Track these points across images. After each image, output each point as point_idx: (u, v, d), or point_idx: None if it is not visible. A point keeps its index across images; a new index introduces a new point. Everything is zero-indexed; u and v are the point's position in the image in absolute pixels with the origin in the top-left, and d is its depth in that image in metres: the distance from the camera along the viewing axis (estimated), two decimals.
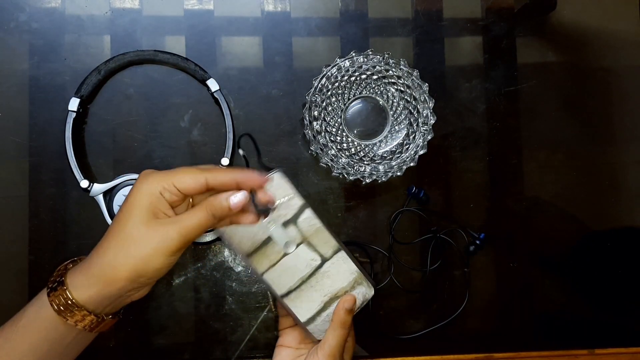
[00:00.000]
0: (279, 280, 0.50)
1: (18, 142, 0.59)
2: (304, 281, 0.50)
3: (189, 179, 0.42)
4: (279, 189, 0.48)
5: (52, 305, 0.41)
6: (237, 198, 0.42)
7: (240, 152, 0.50)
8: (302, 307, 0.50)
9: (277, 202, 0.48)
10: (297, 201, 0.49)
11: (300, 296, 0.50)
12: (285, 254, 0.50)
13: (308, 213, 0.49)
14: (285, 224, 0.49)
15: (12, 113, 0.59)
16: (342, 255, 0.51)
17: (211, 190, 0.43)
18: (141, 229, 0.40)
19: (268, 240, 0.49)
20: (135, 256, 0.40)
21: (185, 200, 0.44)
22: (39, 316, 0.42)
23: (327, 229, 0.50)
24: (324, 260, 0.50)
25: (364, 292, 0.51)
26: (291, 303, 0.50)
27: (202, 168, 0.43)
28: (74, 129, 0.56)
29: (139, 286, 0.42)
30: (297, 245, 0.50)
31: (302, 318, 0.50)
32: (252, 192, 0.45)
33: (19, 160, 0.59)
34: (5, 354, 0.41)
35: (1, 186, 0.59)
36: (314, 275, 0.50)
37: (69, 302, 0.41)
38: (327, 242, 0.50)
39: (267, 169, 0.47)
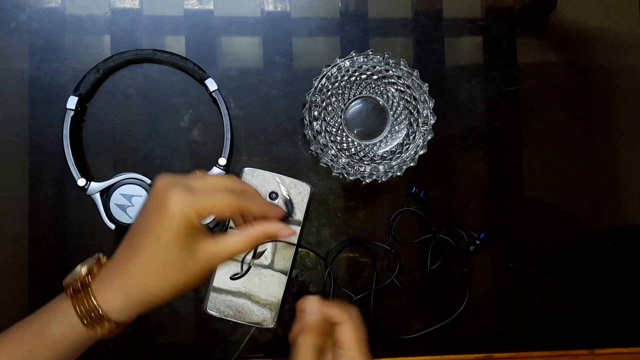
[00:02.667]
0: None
1: (18, 142, 0.59)
2: (246, 263, 0.58)
3: (226, 208, 0.41)
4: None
5: (82, 321, 0.40)
6: (286, 235, 0.44)
7: (286, 195, 0.51)
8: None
9: None
10: (299, 214, 0.58)
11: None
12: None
13: (296, 230, 0.58)
14: None
15: (12, 113, 0.59)
16: (282, 278, 0.58)
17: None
18: (185, 257, 0.40)
19: None
20: (180, 283, 0.40)
21: None
22: (69, 330, 0.41)
23: (295, 254, 0.58)
24: (269, 267, 0.58)
25: (264, 316, 0.58)
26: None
27: (237, 195, 0.42)
28: (72, 128, 0.56)
29: (169, 301, 0.42)
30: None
31: (216, 283, 0.57)
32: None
33: (19, 160, 0.59)
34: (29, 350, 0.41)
35: (1, 186, 0.59)
36: (255, 267, 0.58)
37: (102, 318, 0.40)
38: (285, 259, 0.58)
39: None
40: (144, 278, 0.40)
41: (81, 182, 0.55)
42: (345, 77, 0.58)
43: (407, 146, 0.58)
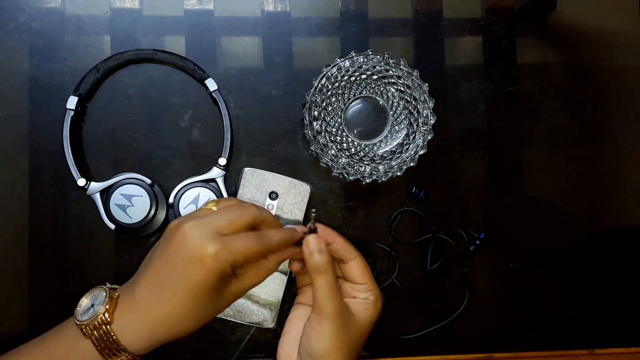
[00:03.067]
0: None
1: (18, 142, 0.59)
2: None
3: (252, 253, 0.41)
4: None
5: (101, 354, 0.41)
6: (298, 258, 0.46)
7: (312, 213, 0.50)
8: None
9: None
10: (299, 214, 0.58)
11: None
12: None
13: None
14: None
15: (12, 113, 0.59)
16: (282, 278, 0.57)
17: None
18: (216, 302, 0.41)
19: None
20: (205, 322, 0.42)
21: None
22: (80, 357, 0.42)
23: None
24: None
25: (264, 316, 0.57)
26: None
27: (263, 240, 0.42)
28: (72, 128, 0.56)
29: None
30: None
31: None
32: None
33: (19, 160, 0.59)
34: None
35: (1, 186, 0.59)
36: None
37: (122, 351, 0.41)
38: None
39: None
40: (173, 323, 0.41)
41: (81, 182, 0.55)
42: (345, 77, 0.58)
43: (407, 146, 0.58)
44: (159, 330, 0.41)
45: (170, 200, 0.56)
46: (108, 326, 0.40)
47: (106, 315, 0.41)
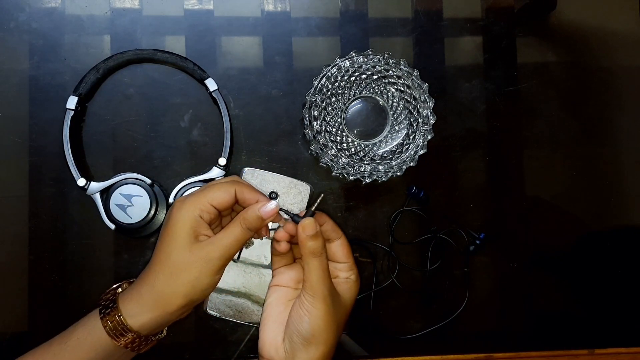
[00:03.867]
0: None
1: (18, 142, 0.59)
2: (246, 262, 0.58)
3: (221, 193, 0.44)
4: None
5: (105, 329, 0.44)
6: (269, 208, 0.45)
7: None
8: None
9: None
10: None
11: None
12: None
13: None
14: None
15: (12, 113, 0.59)
16: None
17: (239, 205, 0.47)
18: (186, 255, 0.43)
19: None
20: (185, 283, 0.43)
21: (219, 220, 0.47)
22: (90, 337, 0.44)
23: None
24: (269, 267, 0.55)
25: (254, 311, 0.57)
26: None
27: (230, 182, 0.46)
28: (72, 128, 0.56)
29: (189, 309, 0.45)
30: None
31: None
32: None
33: (19, 160, 0.59)
34: None
35: (1, 186, 0.59)
36: (255, 267, 0.58)
37: (123, 327, 0.43)
38: None
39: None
40: (151, 280, 0.44)
41: (81, 182, 0.55)
42: (345, 77, 0.58)
43: (407, 146, 0.58)
44: (149, 297, 0.43)
45: (170, 200, 0.56)
46: (116, 300, 0.44)
47: (118, 291, 0.46)
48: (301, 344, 0.44)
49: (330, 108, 0.58)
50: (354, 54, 0.57)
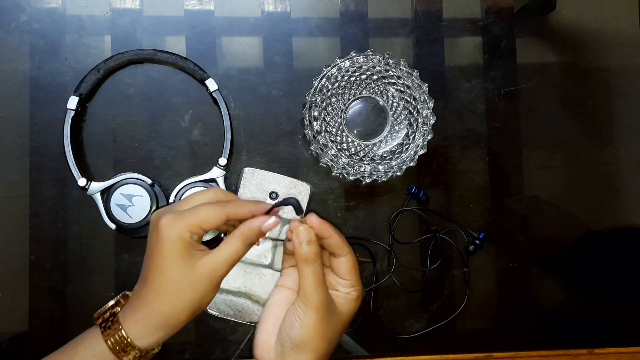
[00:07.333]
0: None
1: (18, 142, 0.59)
2: (246, 262, 0.58)
3: (213, 218, 0.43)
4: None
5: (109, 346, 0.43)
6: (270, 225, 0.44)
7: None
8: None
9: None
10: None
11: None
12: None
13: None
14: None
15: (12, 113, 0.59)
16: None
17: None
18: (187, 274, 0.42)
19: None
20: (192, 302, 0.42)
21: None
22: (93, 354, 0.44)
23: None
24: (270, 267, 0.58)
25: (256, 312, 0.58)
26: None
27: (220, 204, 0.44)
28: (73, 128, 0.56)
29: (191, 322, 0.45)
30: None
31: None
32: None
33: (19, 160, 0.59)
34: None
35: (1, 186, 0.59)
36: (255, 266, 0.58)
37: (130, 347, 0.43)
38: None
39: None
40: (156, 303, 0.43)
41: (82, 182, 0.55)
42: (345, 77, 0.58)
43: (407, 146, 0.58)
44: (147, 313, 0.43)
45: (171, 200, 0.57)
46: (116, 316, 0.44)
47: (116, 308, 0.45)
48: (291, 348, 0.44)
49: (330, 108, 0.58)
50: (354, 54, 0.57)
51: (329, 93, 0.58)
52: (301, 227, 0.45)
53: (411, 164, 0.57)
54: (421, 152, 0.57)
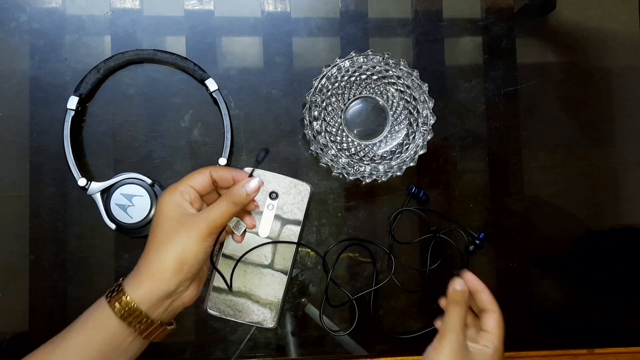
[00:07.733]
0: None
1: (18, 142, 0.59)
2: (246, 262, 0.58)
3: (198, 175, 0.48)
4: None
5: (109, 305, 0.45)
6: (253, 184, 0.48)
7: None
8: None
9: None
10: (299, 213, 0.58)
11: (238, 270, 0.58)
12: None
13: (296, 229, 0.58)
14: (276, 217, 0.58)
15: (12, 113, 0.59)
16: (282, 278, 0.58)
17: (217, 187, 0.50)
18: (174, 225, 0.46)
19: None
20: (175, 247, 0.45)
21: (202, 203, 0.50)
22: (96, 315, 0.46)
23: (295, 253, 0.58)
24: (269, 267, 0.58)
25: (264, 315, 0.58)
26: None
27: (205, 167, 0.49)
28: (73, 128, 0.56)
29: (184, 278, 0.45)
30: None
31: (216, 282, 0.58)
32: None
33: (19, 160, 0.59)
34: (60, 350, 0.45)
35: (2, 186, 0.59)
36: (255, 266, 0.58)
37: (124, 300, 0.44)
38: (285, 258, 0.58)
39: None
40: (151, 256, 0.46)
41: (82, 182, 0.55)
42: (345, 77, 0.58)
43: (407, 146, 0.58)
44: (148, 272, 0.45)
45: None
46: (121, 283, 0.46)
47: (122, 279, 0.47)
48: None
49: (330, 108, 0.58)
50: (354, 54, 0.57)
51: (329, 93, 0.58)
52: (457, 278, 0.53)
53: (411, 164, 0.57)
54: (421, 152, 0.57)
